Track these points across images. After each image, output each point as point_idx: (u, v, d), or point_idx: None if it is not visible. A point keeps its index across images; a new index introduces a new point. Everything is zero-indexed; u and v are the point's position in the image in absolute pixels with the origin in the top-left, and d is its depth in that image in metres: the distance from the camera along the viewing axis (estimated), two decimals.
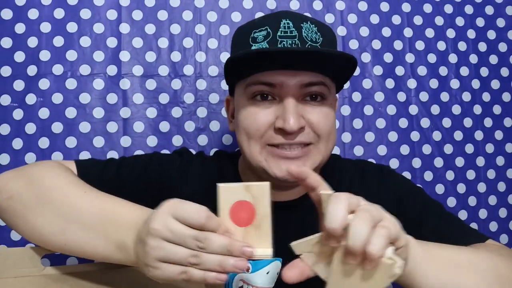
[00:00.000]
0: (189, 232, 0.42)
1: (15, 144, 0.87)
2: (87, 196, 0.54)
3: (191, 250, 0.42)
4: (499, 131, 1.04)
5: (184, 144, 0.92)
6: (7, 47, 0.88)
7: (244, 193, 0.44)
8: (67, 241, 0.52)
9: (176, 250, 0.42)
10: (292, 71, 0.60)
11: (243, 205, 0.44)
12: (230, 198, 0.44)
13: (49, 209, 0.53)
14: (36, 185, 0.55)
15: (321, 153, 0.63)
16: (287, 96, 0.60)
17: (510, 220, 1.02)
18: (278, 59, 0.59)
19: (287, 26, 0.62)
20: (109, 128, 0.90)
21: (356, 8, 1.01)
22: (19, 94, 0.88)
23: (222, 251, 0.42)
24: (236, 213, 0.44)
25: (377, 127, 0.99)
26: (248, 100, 0.63)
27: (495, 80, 1.05)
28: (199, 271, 0.42)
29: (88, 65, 0.91)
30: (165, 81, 0.93)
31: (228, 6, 0.97)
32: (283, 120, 0.59)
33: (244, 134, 0.63)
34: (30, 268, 0.57)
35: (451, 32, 1.04)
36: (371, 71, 1.00)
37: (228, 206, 0.44)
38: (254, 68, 0.61)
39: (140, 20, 0.94)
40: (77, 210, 0.52)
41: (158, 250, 0.42)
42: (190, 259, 0.42)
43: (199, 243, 0.41)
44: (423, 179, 0.99)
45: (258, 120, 0.61)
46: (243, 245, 0.42)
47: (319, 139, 0.62)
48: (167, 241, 0.42)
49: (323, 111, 0.62)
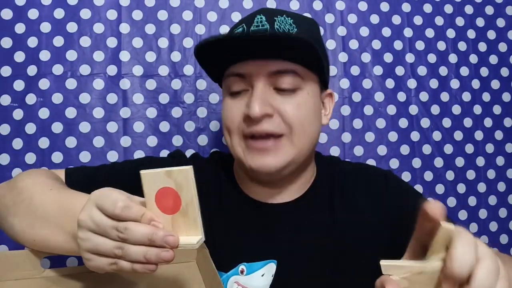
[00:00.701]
0: (109, 223, 0.41)
1: (15, 144, 0.87)
2: (51, 192, 0.55)
3: (116, 242, 0.41)
4: (499, 131, 1.04)
5: (184, 144, 0.92)
6: (7, 47, 0.88)
7: (166, 179, 0.41)
8: (35, 237, 0.53)
9: (102, 241, 0.41)
10: (262, 60, 0.61)
11: (168, 192, 0.41)
12: (154, 185, 0.42)
13: (20, 208, 0.55)
14: (13, 188, 0.58)
15: (295, 147, 0.62)
16: (256, 84, 0.61)
17: (510, 220, 1.02)
18: (245, 49, 0.60)
19: (259, 20, 0.63)
20: (109, 128, 0.90)
21: (356, 8, 1.01)
22: (19, 94, 0.88)
23: (145, 241, 0.40)
24: (162, 201, 0.42)
25: (377, 127, 0.99)
26: (227, 94, 0.65)
27: (495, 80, 1.05)
28: (127, 263, 0.41)
29: (88, 65, 0.91)
30: (165, 81, 0.93)
31: (228, 6, 0.97)
32: (248, 107, 0.60)
33: (225, 127, 0.65)
34: (30, 271, 0.57)
35: (451, 32, 1.04)
36: (371, 71, 1.00)
37: (153, 193, 0.42)
38: (225, 61, 0.63)
39: (140, 20, 0.94)
40: (41, 206, 0.53)
41: (86, 241, 0.42)
42: (115, 250, 0.41)
43: (120, 234, 0.40)
44: (423, 179, 0.99)
45: (232, 111, 0.63)
46: (166, 234, 0.40)
47: (291, 130, 0.61)
48: (94, 233, 0.42)
49: (296, 100, 0.62)
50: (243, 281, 0.63)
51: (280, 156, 0.61)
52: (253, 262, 0.64)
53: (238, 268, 0.64)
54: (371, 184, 0.70)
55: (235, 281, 0.63)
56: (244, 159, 0.62)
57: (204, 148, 0.93)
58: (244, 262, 0.64)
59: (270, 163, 0.61)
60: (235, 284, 0.63)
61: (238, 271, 0.64)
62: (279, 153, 0.61)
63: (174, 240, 0.40)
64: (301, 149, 0.63)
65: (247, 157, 0.62)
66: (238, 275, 0.63)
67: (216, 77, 0.71)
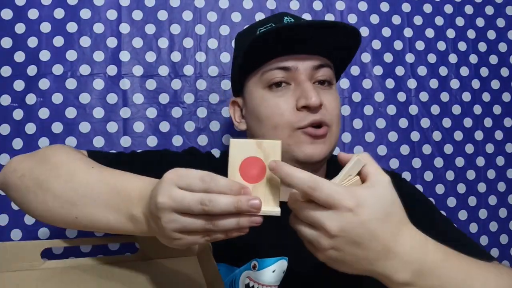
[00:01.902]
0: (193, 197, 0.41)
1: (15, 144, 0.87)
2: (94, 170, 0.54)
3: (204, 218, 0.41)
4: (499, 131, 1.04)
5: (184, 144, 0.92)
6: (7, 47, 0.88)
7: (256, 149, 0.44)
8: (78, 215, 0.52)
9: (191, 221, 0.41)
10: (303, 55, 0.64)
11: (254, 162, 0.44)
12: (241, 154, 0.44)
13: (58, 183, 0.53)
14: (46, 162, 0.56)
15: (333, 137, 0.66)
16: (303, 78, 0.64)
17: (510, 220, 1.02)
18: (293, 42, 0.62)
19: (289, 21, 0.67)
20: (109, 128, 0.90)
21: (356, 8, 1.01)
22: (19, 94, 0.88)
23: (231, 209, 0.40)
24: (246, 169, 0.44)
25: (377, 127, 0.99)
26: (264, 89, 0.66)
27: (495, 80, 1.05)
28: (221, 234, 0.42)
29: (88, 65, 0.91)
30: (165, 81, 0.93)
31: (228, 6, 0.97)
32: (305, 98, 0.62)
33: (268, 123, 0.65)
34: (30, 262, 0.57)
35: (451, 32, 1.04)
36: (371, 71, 1.00)
37: (239, 162, 0.44)
38: (268, 54, 0.64)
39: (140, 20, 0.94)
40: (84, 183, 0.52)
41: (173, 223, 0.42)
42: (206, 226, 0.41)
43: (205, 207, 0.40)
44: (423, 179, 0.99)
45: (280, 106, 0.64)
46: (249, 198, 0.41)
47: (332, 121, 0.65)
48: (177, 212, 0.41)
49: (332, 94, 0.67)
50: (254, 276, 0.64)
51: (327, 144, 0.65)
52: (265, 258, 0.64)
53: (250, 263, 0.65)
54: None
55: (247, 276, 0.64)
56: (293, 150, 0.64)
57: (204, 148, 0.93)
58: (257, 257, 0.65)
59: (322, 151, 0.64)
60: (247, 279, 0.64)
61: (251, 266, 0.65)
62: (327, 142, 0.65)
63: (258, 204, 0.41)
64: (336, 141, 0.67)
65: (296, 147, 0.64)
66: (251, 270, 0.64)
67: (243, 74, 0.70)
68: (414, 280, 0.43)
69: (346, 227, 0.40)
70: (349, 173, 0.44)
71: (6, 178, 0.58)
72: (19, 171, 0.57)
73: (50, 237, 0.86)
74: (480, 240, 1.00)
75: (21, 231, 0.85)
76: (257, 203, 0.41)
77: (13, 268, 0.56)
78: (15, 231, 0.85)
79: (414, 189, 0.77)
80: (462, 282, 0.45)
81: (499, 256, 1.00)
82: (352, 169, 0.44)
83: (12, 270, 0.56)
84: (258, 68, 0.66)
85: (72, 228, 0.55)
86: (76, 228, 0.54)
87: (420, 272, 0.43)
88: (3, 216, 0.85)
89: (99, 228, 0.53)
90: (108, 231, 0.52)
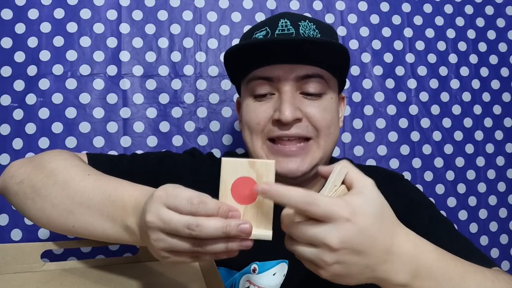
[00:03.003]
0: (180, 220, 0.40)
1: (15, 144, 0.87)
2: (90, 178, 0.54)
3: (192, 243, 0.41)
4: (499, 131, 1.04)
5: (184, 144, 0.92)
6: (7, 47, 0.88)
7: (248, 169, 0.42)
8: (75, 223, 0.52)
9: (179, 243, 0.41)
10: (289, 65, 0.62)
11: (246, 182, 0.42)
12: (233, 173, 0.42)
13: (55, 190, 0.53)
14: (43, 168, 0.56)
15: (321, 149, 0.64)
16: (284, 89, 0.62)
17: (510, 220, 1.02)
18: (273, 53, 0.61)
19: (284, 24, 0.64)
20: (109, 128, 0.90)
21: (356, 8, 1.01)
22: (19, 94, 0.88)
23: (219, 234, 0.40)
24: (238, 190, 0.42)
25: (377, 127, 0.99)
26: (250, 97, 0.65)
27: (495, 80, 1.05)
28: (209, 255, 0.42)
29: (88, 65, 0.91)
30: (165, 81, 0.93)
31: (228, 6, 0.97)
32: (279, 111, 0.61)
33: (247, 129, 0.65)
34: (30, 264, 0.57)
35: (451, 32, 1.04)
36: (371, 71, 1.00)
37: (231, 181, 0.42)
38: (252, 64, 0.63)
39: (140, 20, 0.93)
40: (81, 192, 0.52)
41: (160, 242, 0.41)
42: (194, 248, 0.41)
43: (192, 232, 0.39)
44: (423, 179, 0.99)
45: (258, 114, 0.64)
46: (239, 222, 0.40)
47: (319, 134, 0.63)
48: (165, 232, 0.41)
49: (322, 104, 0.64)
50: (255, 280, 0.64)
51: (307, 159, 0.63)
52: (265, 261, 0.64)
53: (250, 266, 0.64)
54: (381, 184, 0.71)
55: (247, 280, 0.64)
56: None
57: (204, 148, 0.93)
58: (257, 261, 0.64)
59: (296, 167, 0.62)
60: (247, 283, 0.64)
61: (251, 269, 0.64)
62: (307, 156, 0.63)
63: (248, 228, 0.40)
64: (326, 152, 0.65)
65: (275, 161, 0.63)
66: (251, 274, 0.64)
67: (235, 79, 0.71)
68: (412, 280, 0.43)
69: (346, 237, 0.40)
70: (335, 183, 0.44)
71: (5, 183, 0.58)
72: (18, 177, 0.56)
73: (50, 238, 0.86)
74: (480, 240, 1.00)
75: (21, 231, 0.85)
76: (247, 228, 0.40)
77: (13, 270, 0.56)
78: (15, 231, 0.85)
79: (419, 193, 0.75)
80: (458, 283, 0.45)
81: (499, 256, 1.00)
82: (336, 179, 0.44)
83: (12, 272, 0.56)
84: (245, 76, 0.66)
85: (71, 235, 0.55)
86: (74, 235, 0.54)
87: (417, 273, 0.43)
88: (3, 216, 0.85)
89: (96, 237, 0.52)
90: (106, 240, 0.52)
